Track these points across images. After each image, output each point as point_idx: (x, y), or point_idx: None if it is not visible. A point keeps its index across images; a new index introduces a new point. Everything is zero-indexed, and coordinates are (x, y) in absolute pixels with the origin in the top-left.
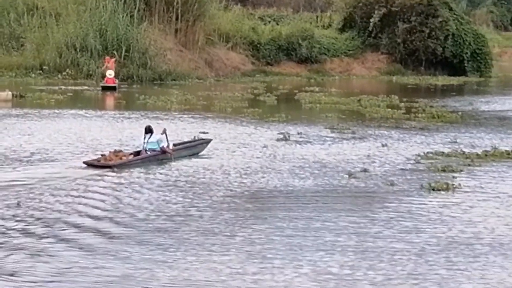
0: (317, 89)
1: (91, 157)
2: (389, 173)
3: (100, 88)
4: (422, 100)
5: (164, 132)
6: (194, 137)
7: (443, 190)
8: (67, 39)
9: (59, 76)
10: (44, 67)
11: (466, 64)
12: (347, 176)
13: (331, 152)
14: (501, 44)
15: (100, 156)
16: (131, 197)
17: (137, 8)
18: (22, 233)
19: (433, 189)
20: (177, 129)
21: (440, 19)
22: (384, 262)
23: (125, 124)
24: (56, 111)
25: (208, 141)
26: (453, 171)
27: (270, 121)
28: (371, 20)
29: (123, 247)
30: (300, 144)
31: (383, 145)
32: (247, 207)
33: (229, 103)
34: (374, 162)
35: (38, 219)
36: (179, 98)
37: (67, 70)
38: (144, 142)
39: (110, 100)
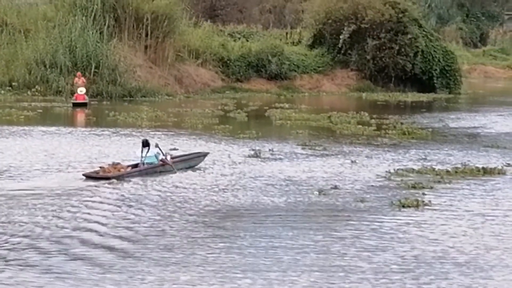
0: (287, 105)
1: (60, 174)
2: (360, 190)
3: (71, 105)
4: (392, 117)
5: (157, 145)
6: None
7: (413, 207)
8: (36, 56)
9: (29, 92)
10: (13, 84)
11: (435, 81)
12: (317, 193)
13: (302, 169)
14: (470, 61)
15: (99, 168)
16: (98, 214)
17: (106, 24)
18: None
19: (403, 206)
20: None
21: (409, 36)
22: (352, 282)
23: (96, 141)
24: (26, 128)
25: (205, 154)
26: (423, 188)
27: (241, 138)
28: (340, 36)
29: (79, 266)
30: (271, 161)
31: (352, 162)
32: (215, 225)
33: (199, 120)
34: (345, 179)
35: None
36: (150, 115)
37: (37, 86)
38: (142, 156)
39: (80, 116)
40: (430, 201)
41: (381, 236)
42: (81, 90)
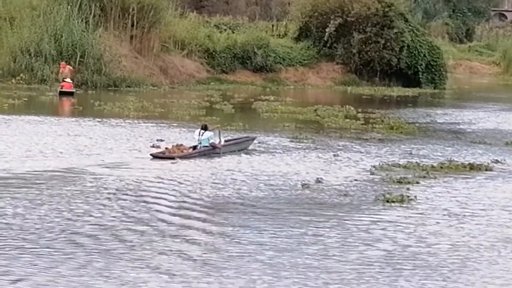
0: (272, 98)
1: (42, 163)
2: (344, 184)
3: (58, 93)
4: (379, 111)
5: (218, 129)
6: (153, 144)
7: (397, 202)
8: (21, 44)
9: (13, 80)
10: None
11: (420, 76)
12: (301, 186)
13: (288, 162)
14: (456, 56)
15: (165, 149)
16: (64, 208)
17: (92, 13)
18: None
19: (387, 201)
20: (134, 135)
21: (395, 30)
22: (327, 282)
23: (84, 130)
24: (11, 116)
25: (253, 138)
26: (408, 183)
27: (228, 130)
28: (326, 30)
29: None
30: (258, 154)
31: (334, 155)
32: (193, 219)
33: (186, 111)
34: (330, 173)
35: None
36: (136, 105)
37: (21, 74)
38: (199, 139)
39: (66, 106)
40: (415, 196)
41: (367, 230)
42: (67, 79)
